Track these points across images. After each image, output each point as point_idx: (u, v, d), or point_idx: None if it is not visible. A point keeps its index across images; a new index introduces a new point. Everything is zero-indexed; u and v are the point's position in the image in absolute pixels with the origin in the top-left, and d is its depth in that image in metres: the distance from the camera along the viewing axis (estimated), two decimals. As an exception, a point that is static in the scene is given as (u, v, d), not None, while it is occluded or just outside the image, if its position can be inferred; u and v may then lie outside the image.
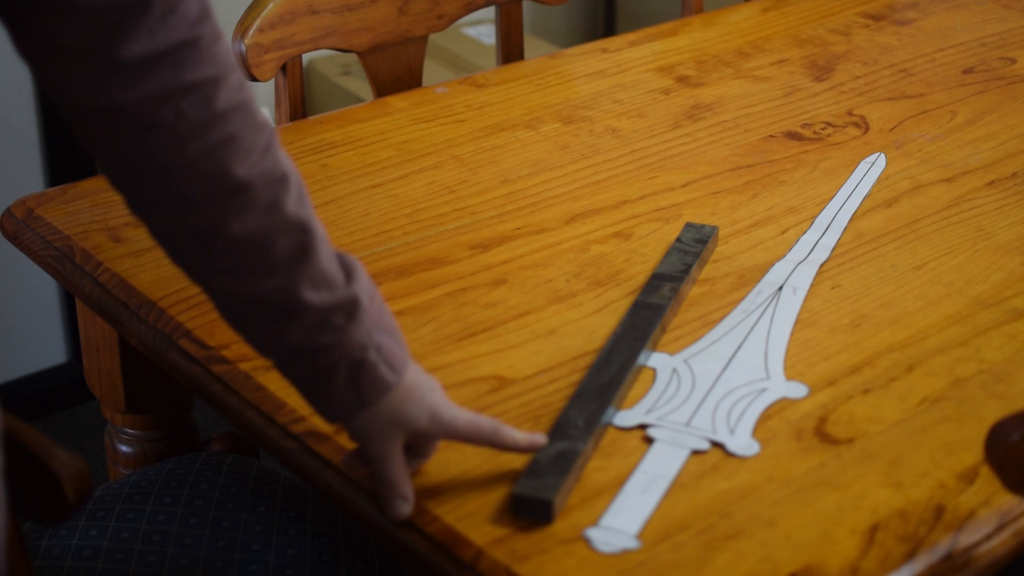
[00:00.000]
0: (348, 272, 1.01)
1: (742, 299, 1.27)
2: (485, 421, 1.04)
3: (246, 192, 0.97)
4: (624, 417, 1.11)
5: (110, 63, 0.93)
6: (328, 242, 1.01)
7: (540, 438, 1.06)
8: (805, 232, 1.38)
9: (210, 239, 0.98)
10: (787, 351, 1.20)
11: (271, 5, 1.56)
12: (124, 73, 0.94)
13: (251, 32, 1.54)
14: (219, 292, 1.02)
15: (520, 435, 1.05)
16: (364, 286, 1.01)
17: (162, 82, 0.94)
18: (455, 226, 1.38)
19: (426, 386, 1.03)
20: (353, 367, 1.00)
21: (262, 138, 0.98)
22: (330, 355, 1.00)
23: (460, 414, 1.03)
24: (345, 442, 1.08)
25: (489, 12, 2.93)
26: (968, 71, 1.74)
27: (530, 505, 1.00)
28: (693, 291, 1.29)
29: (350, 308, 1.00)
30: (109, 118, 0.95)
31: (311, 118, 1.60)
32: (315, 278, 0.99)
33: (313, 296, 0.99)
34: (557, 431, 1.07)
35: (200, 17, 0.95)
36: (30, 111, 2.32)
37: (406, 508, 1.02)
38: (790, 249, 1.35)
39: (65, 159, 2.34)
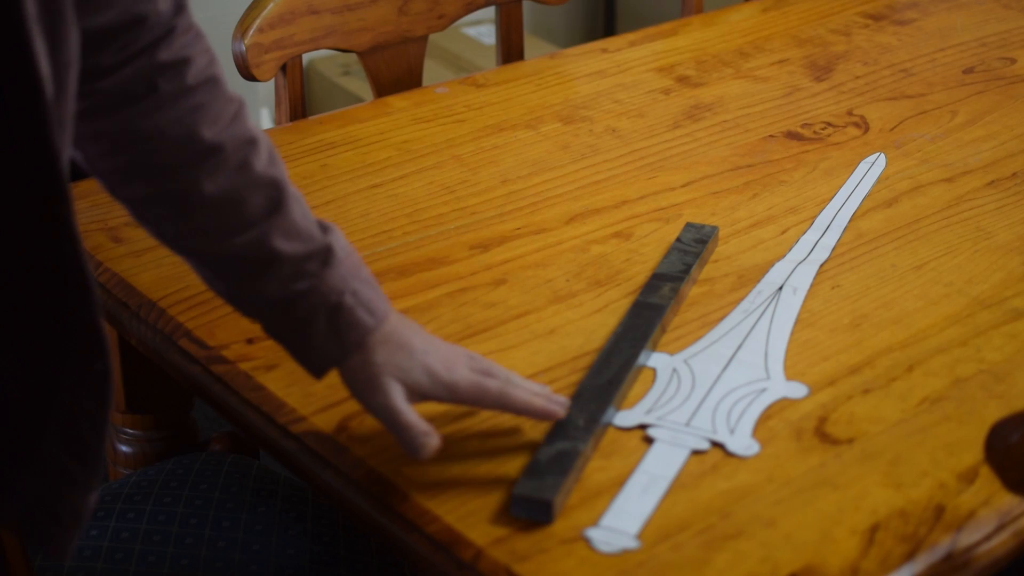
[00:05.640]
0: (324, 229, 1.06)
1: (742, 299, 1.27)
2: (492, 384, 1.05)
3: (216, 153, 1.03)
4: (624, 417, 1.11)
5: (95, 67, 1.01)
6: (303, 202, 1.06)
7: (558, 407, 1.06)
8: (805, 232, 1.38)
9: (185, 201, 1.03)
10: (787, 351, 1.20)
11: (271, 5, 1.56)
12: (106, 70, 1.02)
13: (251, 32, 1.54)
14: (199, 255, 1.06)
15: (537, 400, 1.05)
16: (340, 242, 1.05)
17: (138, 67, 1.02)
18: (455, 226, 1.38)
19: (410, 331, 1.05)
20: (331, 312, 1.03)
21: (231, 108, 1.05)
22: (308, 302, 1.03)
23: (461, 377, 1.04)
24: (345, 442, 1.08)
25: (489, 12, 2.93)
26: (968, 71, 1.74)
27: (530, 505, 1.00)
28: (693, 291, 1.29)
29: (324, 256, 1.04)
30: (87, 99, 1.02)
31: (311, 118, 1.60)
32: (288, 230, 1.04)
33: (286, 246, 1.03)
34: (557, 431, 1.07)
35: (175, 11, 1.04)
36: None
37: (432, 441, 1.02)
38: (790, 249, 1.35)
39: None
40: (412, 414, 1.02)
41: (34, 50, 0.83)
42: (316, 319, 1.03)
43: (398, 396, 1.03)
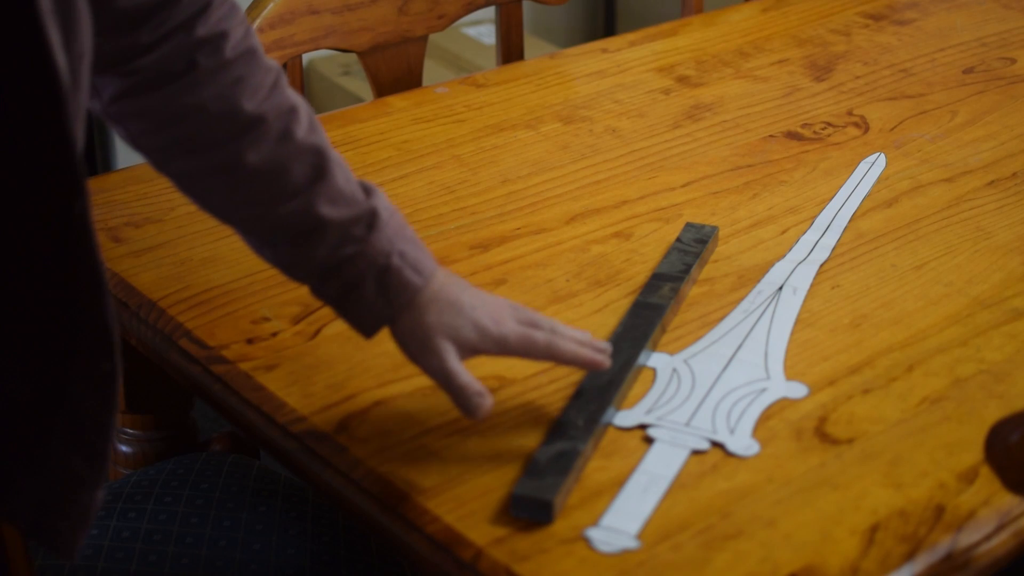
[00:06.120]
0: (367, 191, 1.07)
1: (742, 299, 1.27)
2: (540, 336, 1.07)
3: (258, 125, 1.04)
4: (624, 417, 1.11)
5: (133, 45, 1.03)
6: (345, 166, 1.08)
7: (604, 358, 1.08)
8: (805, 232, 1.38)
9: (230, 173, 1.05)
10: (787, 351, 1.20)
11: (271, 5, 1.56)
12: (145, 48, 1.03)
13: (251, 32, 1.54)
14: (247, 225, 1.08)
15: (584, 352, 1.07)
16: (383, 203, 1.07)
17: (177, 44, 1.04)
18: (455, 226, 1.38)
19: (458, 288, 1.06)
20: (379, 274, 1.05)
21: (269, 78, 1.06)
22: (356, 266, 1.05)
23: (510, 331, 1.06)
24: (345, 442, 1.08)
25: (489, 12, 2.93)
26: (968, 71, 1.74)
27: (530, 505, 1.00)
28: (693, 291, 1.29)
29: (369, 219, 1.05)
30: (128, 77, 1.04)
31: (311, 118, 1.59)
32: (332, 196, 1.05)
33: (332, 212, 1.05)
34: (557, 431, 1.07)
35: None
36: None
37: (486, 402, 1.04)
38: (790, 249, 1.35)
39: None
40: (465, 375, 1.04)
41: (50, 42, 0.83)
42: (365, 282, 1.05)
43: (451, 357, 1.05)
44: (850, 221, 1.40)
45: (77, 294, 0.90)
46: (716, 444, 1.09)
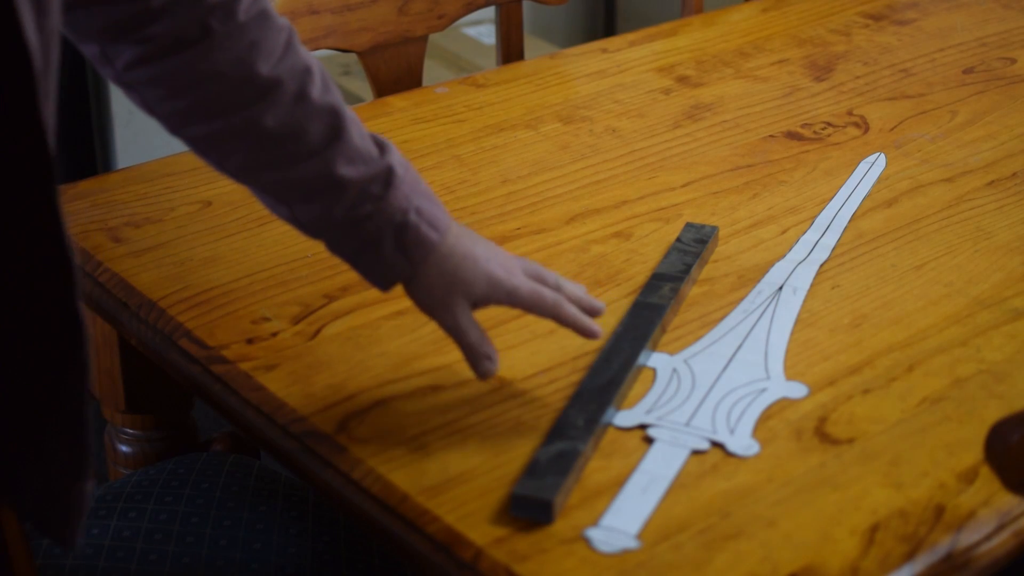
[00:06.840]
0: (381, 147, 1.09)
1: (742, 299, 1.27)
2: (548, 294, 1.10)
3: (274, 88, 1.05)
4: (624, 417, 1.11)
5: (144, 11, 1.03)
6: (359, 123, 1.09)
7: (597, 328, 1.11)
8: (805, 232, 1.38)
9: (247, 136, 1.06)
10: (787, 351, 1.20)
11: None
12: (156, 14, 1.03)
13: (251, 32, 1.54)
14: (266, 186, 1.09)
15: (583, 318, 1.10)
16: (397, 158, 1.09)
17: (189, 10, 1.04)
18: (455, 226, 1.38)
19: (471, 240, 1.09)
20: (397, 230, 1.07)
21: (281, 38, 1.07)
22: (373, 223, 1.07)
23: (521, 283, 1.09)
24: (345, 442, 1.08)
25: (489, 12, 2.93)
26: (968, 71, 1.74)
27: (530, 505, 1.00)
28: (693, 291, 1.29)
29: (386, 177, 1.07)
30: (141, 45, 1.04)
31: (311, 118, 1.59)
32: (349, 155, 1.07)
33: (350, 171, 1.06)
34: (557, 431, 1.07)
35: None
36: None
37: (492, 366, 1.08)
38: (790, 249, 1.35)
39: (66, 159, 2.34)
40: (475, 334, 1.08)
41: (22, 20, 0.82)
42: (383, 239, 1.07)
43: (464, 315, 1.08)
44: (850, 221, 1.40)
45: (48, 281, 0.89)
46: (716, 444, 1.09)
